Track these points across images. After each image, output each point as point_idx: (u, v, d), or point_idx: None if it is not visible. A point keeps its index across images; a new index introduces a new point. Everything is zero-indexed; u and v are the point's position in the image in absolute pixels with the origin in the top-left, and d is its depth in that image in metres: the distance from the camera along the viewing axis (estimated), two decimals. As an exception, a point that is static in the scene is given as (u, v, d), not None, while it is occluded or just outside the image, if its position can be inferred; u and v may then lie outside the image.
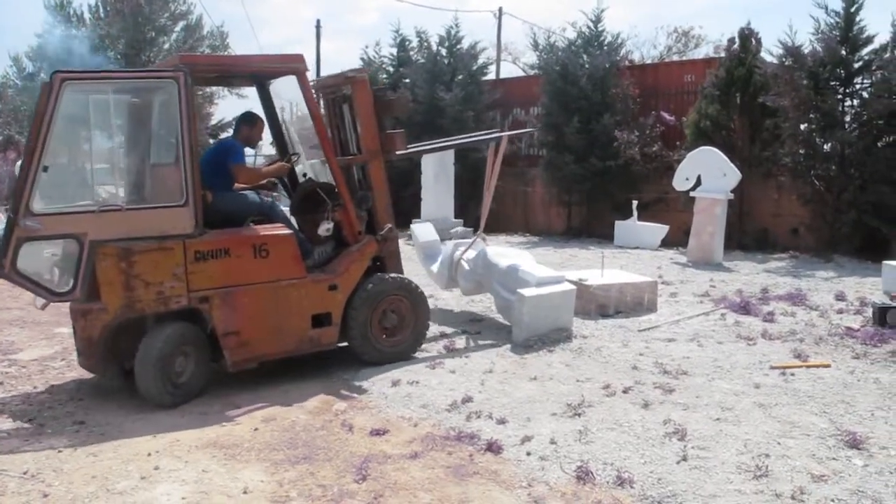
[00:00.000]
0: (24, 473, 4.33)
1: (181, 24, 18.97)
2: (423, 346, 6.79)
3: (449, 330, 7.45)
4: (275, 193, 6.77)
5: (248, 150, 6.56)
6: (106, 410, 5.41)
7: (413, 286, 6.55)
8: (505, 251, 7.91)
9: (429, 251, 8.54)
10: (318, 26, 35.99)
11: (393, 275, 6.46)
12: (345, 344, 6.28)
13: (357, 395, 5.65)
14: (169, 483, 4.19)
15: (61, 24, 17.63)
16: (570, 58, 15.71)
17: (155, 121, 6.14)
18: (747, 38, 13.64)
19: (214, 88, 18.29)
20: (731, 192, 11.68)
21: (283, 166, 6.60)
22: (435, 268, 8.28)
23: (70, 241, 5.20)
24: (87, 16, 17.77)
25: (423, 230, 8.76)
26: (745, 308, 8.04)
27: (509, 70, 33.91)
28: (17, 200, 5.05)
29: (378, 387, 5.77)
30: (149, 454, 4.58)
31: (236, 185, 6.26)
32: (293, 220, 6.47)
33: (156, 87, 5.83)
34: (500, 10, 34.70)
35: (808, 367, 6.02)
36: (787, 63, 12.46)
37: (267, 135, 6.85)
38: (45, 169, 5.07)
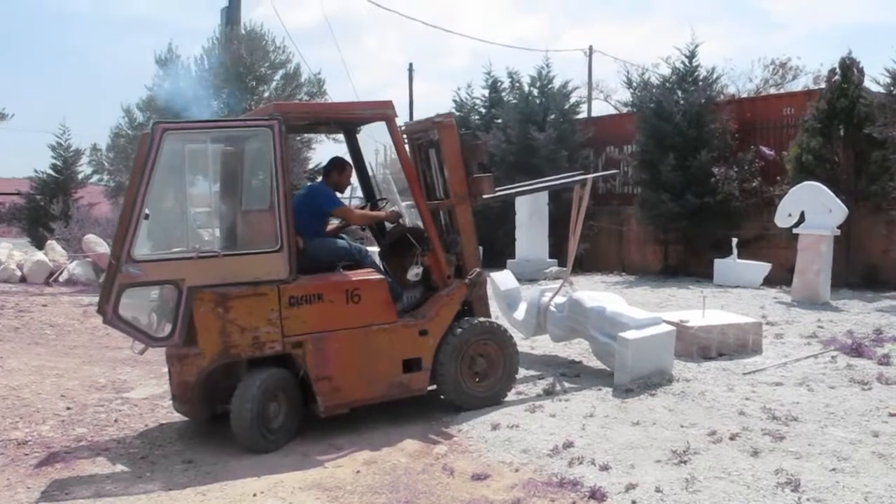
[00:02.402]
0: (138, 511, 4.49)
1: (280, 72, 19.63)
2: (521, 389, 6.74)
3: (546, 374, 7.35)
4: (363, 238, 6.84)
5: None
6: (213, 450, 5.54)
7: (501, 329, 6.50)
8: (596, 295, 7.76)
9: (510, 299, 8.46)
10: (410, 69, 37.07)
11: (480, 319, 6.44)
12: (434, 387, 6.27)
13: (457, 439, 5.64)
14: (275, 525, 4.27)
15: (170, 76, 18.47)
16: (665, 94, 15.53)
17: (250, 168, 6.29)
18: (849, 67, 13.16)
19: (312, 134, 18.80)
20: (838, 227, 11.27)
21: (395, 212, 6.64)
22: (519, 315, 8.19)
23: (168, 287, 5.34)
24: (193, 68, 18.59)
25: (503, 278, 8.68)
26: (857, 350, 7.68)
27: (601, 108, 33.81)
28: (119, 247, 5.19)
29: (478, 430, 5.74)
30: (254, 494, 4.67)
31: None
32: (381, 265, 6.53)
33: (251, 136, 5.99)
34: (591, 48, 34.94)
35: (930, 413, 5.70)
36: (894, 92, 12.00)
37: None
38: (147, 216, 5.22)
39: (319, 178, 6.81)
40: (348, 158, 6.78)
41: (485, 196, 6.63)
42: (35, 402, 6.73)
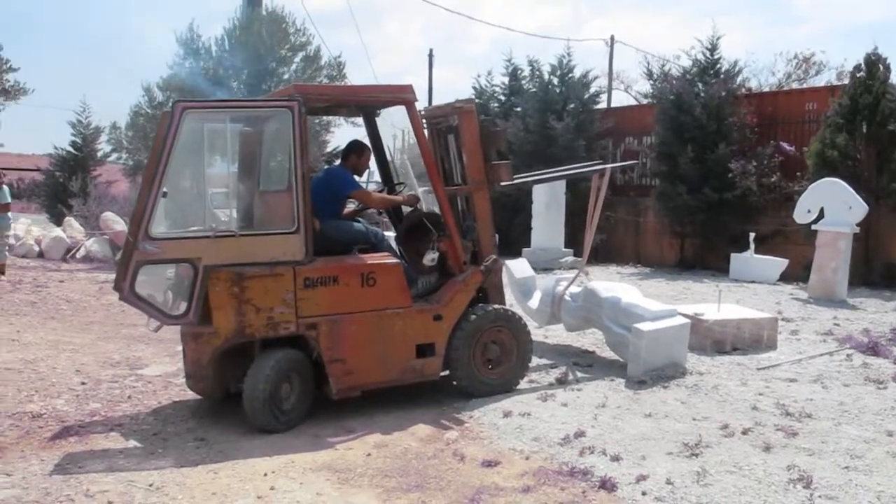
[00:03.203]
0: (150, 486, 4.52)
1: (300, 55, 19.60)
2: (534, 378, 6.73)
3: (559, 363, 7.34)
4: (382, 221, 6.83)
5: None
6: (225, 428, 5.57)
7: (515, 317, 6.48)
8: (612, 285, 7.74)
9: (524, 287, 8.44)
10: (430, 55, 36.94)
11: (495, 306, 6.43)
12: (446, 373, 6.26)
13: (468, 425, 5.64)
14: (285, 504, 4.28)
15: (190, 56, 18.49)
16: (685, 86, 15.40)
17: (268, 149, 6.29)
18: (874, 63, 13.00)
19: (331, 117, 18.80)
20: (857, 225, 11.17)
21: (413, 196, 6.63)
22: (534, 304, 8.17)
23: (184, 265, 5.35)
24: (213, 48, 18.60)
25: (518, 266, 8.65)
26: (873, 349, 7.62)
27: (621, 98, 33.60)
28: (136, 225, 5.20)
29: (489, 417, 5.75)
30: (265, 474, 4.68)
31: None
32: (398, 249, 6.53)
33: (270, 116, 5.99)
34: (612, 38, 34.59)
35: (946, 414, 5.65)
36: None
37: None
38: (165, 194, 5.23)
39: (338, 162, 6.80)
40: (367, 142, 6.76)
41: (503, 183, 6.60)
42: (50, 376, 6.79)
